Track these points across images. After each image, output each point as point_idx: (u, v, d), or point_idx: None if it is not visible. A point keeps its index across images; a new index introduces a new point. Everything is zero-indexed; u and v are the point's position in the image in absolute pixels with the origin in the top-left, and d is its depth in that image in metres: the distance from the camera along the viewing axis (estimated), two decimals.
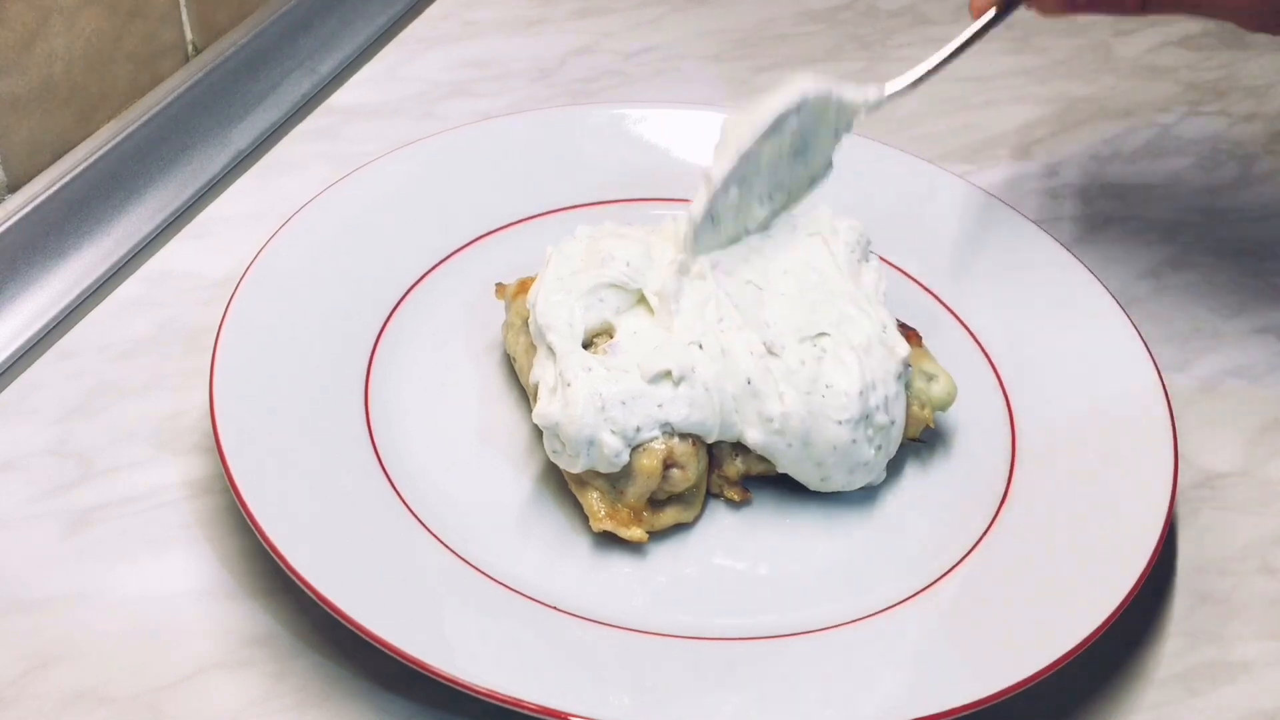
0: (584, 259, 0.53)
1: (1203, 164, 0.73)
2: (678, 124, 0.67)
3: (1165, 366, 0.59)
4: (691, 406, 0.49)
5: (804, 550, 0.50)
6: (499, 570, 0.48)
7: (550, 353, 0.50)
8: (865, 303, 0.52)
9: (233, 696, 0.45)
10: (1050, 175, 0.72)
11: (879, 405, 0.50)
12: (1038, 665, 0.44)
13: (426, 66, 0.77)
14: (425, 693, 0.45)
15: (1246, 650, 0.49)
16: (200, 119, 0.67)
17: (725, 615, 0.48)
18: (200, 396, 0.54)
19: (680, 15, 0.83)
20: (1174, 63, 0.82)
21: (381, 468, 0.51)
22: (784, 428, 0.49)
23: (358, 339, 0.56)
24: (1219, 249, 0.68)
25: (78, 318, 0.59)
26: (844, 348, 0.50)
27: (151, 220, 0.63)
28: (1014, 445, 0.54)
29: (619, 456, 0.48)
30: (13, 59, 0.56)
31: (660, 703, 0.44)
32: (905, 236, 0.63)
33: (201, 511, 0.51)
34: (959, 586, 0.48)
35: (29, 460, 0.52)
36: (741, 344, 0.50)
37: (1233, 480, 0.55)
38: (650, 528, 0.49)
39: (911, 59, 0.81)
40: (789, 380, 0.49)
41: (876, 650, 0.46)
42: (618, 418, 0.48)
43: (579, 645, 0.46)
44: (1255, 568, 0.52)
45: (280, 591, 0.48)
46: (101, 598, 0.48)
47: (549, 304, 0.51)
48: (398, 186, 0.62)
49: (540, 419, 0.49)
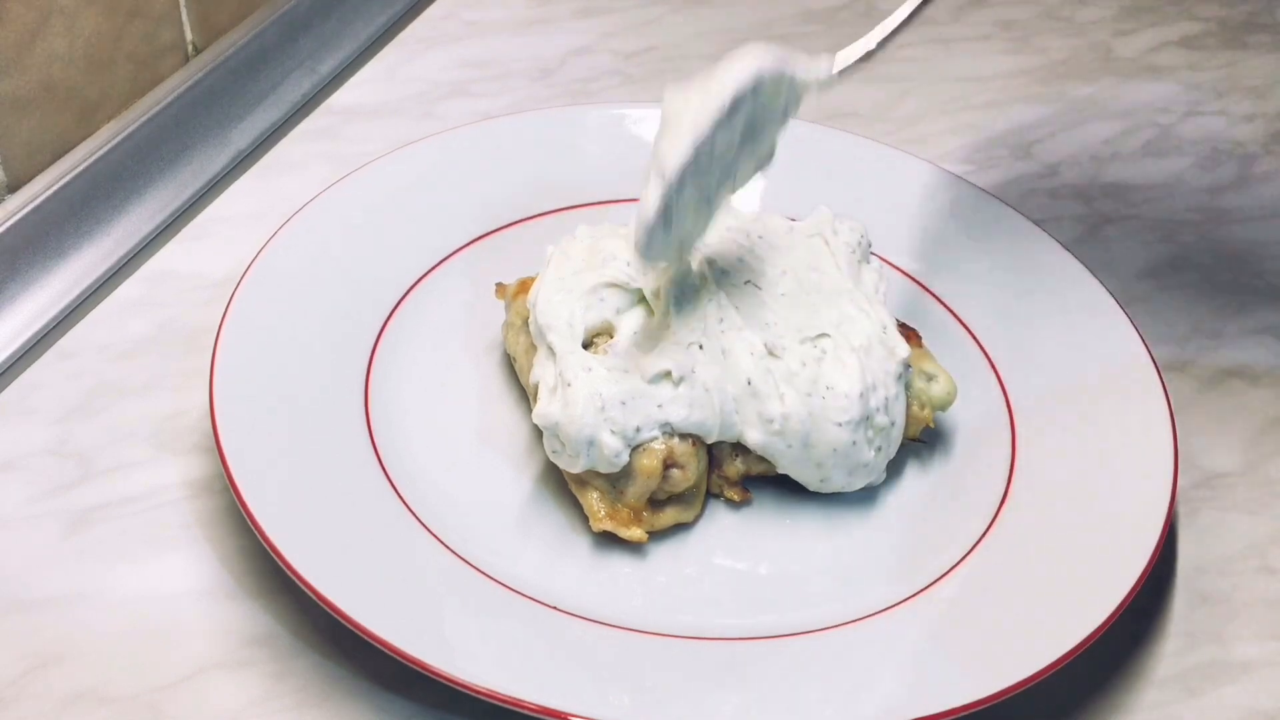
0: (584, 259, 0.53)
1: (1203, 164, 0.73)
2: None
3: (1165, 366, 0.59)
4: (691, 407, 0.49)
5: (804, 550, 0.50)
6: (499, 570, 0.48)
7: (550, 353, 0.50)
8: (865, 303, 0.52)
9: (233, 696, 0.45)
10: (1050, 175, 0.72)
11: (879, 407, 0.50)
12: (1038, 665, 0.44)
13: (426, 66, 0.77)
14: (425, 693, 0.45)
15: (1246, 650, 0.49)
16: (200, 119, 0.67)
17: (725, 615, 0.48)
18: (200, 396, 0.54)
19: (680, 15, 0.83)
20: (1174, 63, 0.82)
21: (381, 468, 0.51)
22: (784, 429, 0.49)
23: (358, 339, 0.56)
24: (1219, 249, 0.68)
25: (78, 318, 0.59)
26: (844, 349, 0.50)
27: (151, 220, 0.63)
28: (1014, 445, 0.53)
29: (619, 457, 0.48)
30: (13, 59, 0.56)
31: (660, 703, 0.44)
32: (905, 236, 0.63)
33: (201, 511, 0.51)
34: (958, 587, 0.48)
35: (29, 460, 0.52)
36: (742, 345, 0.50)
37: (1233, 480, 0.55)
38: (650, 528, 0.49)
39: (911, 59, 0.81)
40: (790, 382, 0.49)
41: (876, 650, 0.46)
42: (617, 418, 0.48)
43: (579, 645, 0.46)
44: (1255, 568, 0.52)
45: (280, 591, 0.48)
46: (101, 598, 0.48)
47: (549, 304, 0.51)
48: (398, 186, 0.62)
49: (540, 419, 0.49)
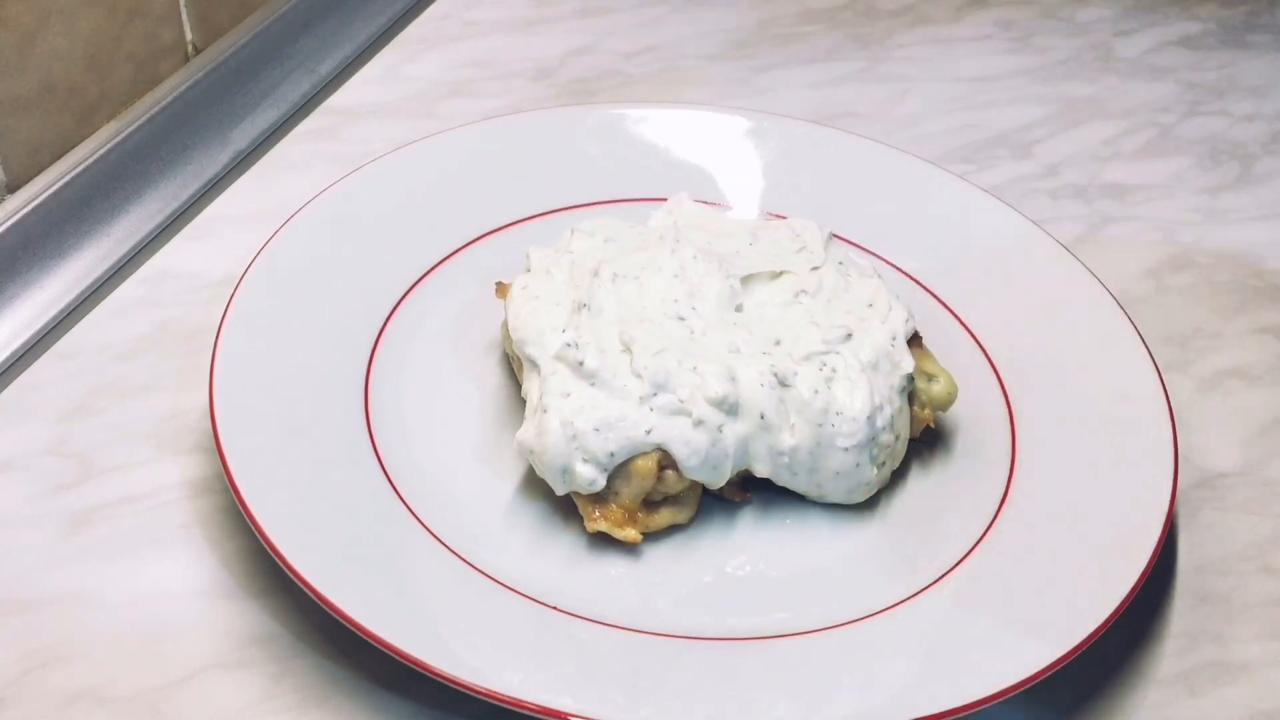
0: (563, 269, 0.54)
1: (1203, 164, 0.73)
2: (678, 124, 0.67)
3: (1165, 366, 0.59)
4: (693, 451, 0.48)
5: (804, 550, 0.50)
6: (498, 570, 0.48)
7: (534, 366, 0.50)
8: (872, 314, 0.52)
9: (232, 696, 0.45)
10: (1050, 175, 0.72)
11: (885, 425, 0.50)
12: (1038, 665, 0.44)
13: (426, 66, 0.77)
14: (425, 693, 0.45)
15: (1246, 650, 0.49)
16: (200, 119, 0.67)
17: (724, 615, 0.48)
18: (200, 396, 0.54)
19: (680, 15, 0.83)
20: (1174, 63, 0.82)
21: (381, 468, 0.51)
22: (793, 461, 0.49)
23: (358, 339, 0.56)
24: (1219, 249, 0.68)
25: (77, 318, 0.59)
26: (853, 368, 0.50)
27: (151, 220, 0.63)
28: (1014, 445, 0.53)
29: (594, 484, 0.48)
30: (13, 59, 0.56)
31: (659, 703, 0.44)
32: (905, 236, 0.63)
33: (201, 511, 0.51)
34: (959, 586, 0.48)
35: (29, 460, 0.52)
36: (753, 376, 0.49)
37: (1233, 480, 0.55)
38: (644, 529, 0.49)
39: (911, 59, 0.81)
40: (802, 413, 0.49)
41: (876, 650, 0.46)
42: (590, 445, 0.47)
43: (579, 646, 0.46)
44: (1255, 568, 0.52)
45: (280, 591, 0.48)
46: (101, 598, 0.48)
47: (518, 317, 0.51)
48: (398, 186, 0.62)
49: (518, 445, 0.49)
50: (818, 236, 0.56)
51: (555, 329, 0.51)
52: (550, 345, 0.50)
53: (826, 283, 0.54)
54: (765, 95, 0.76)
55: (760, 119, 0.67)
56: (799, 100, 0.76)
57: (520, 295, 0.53)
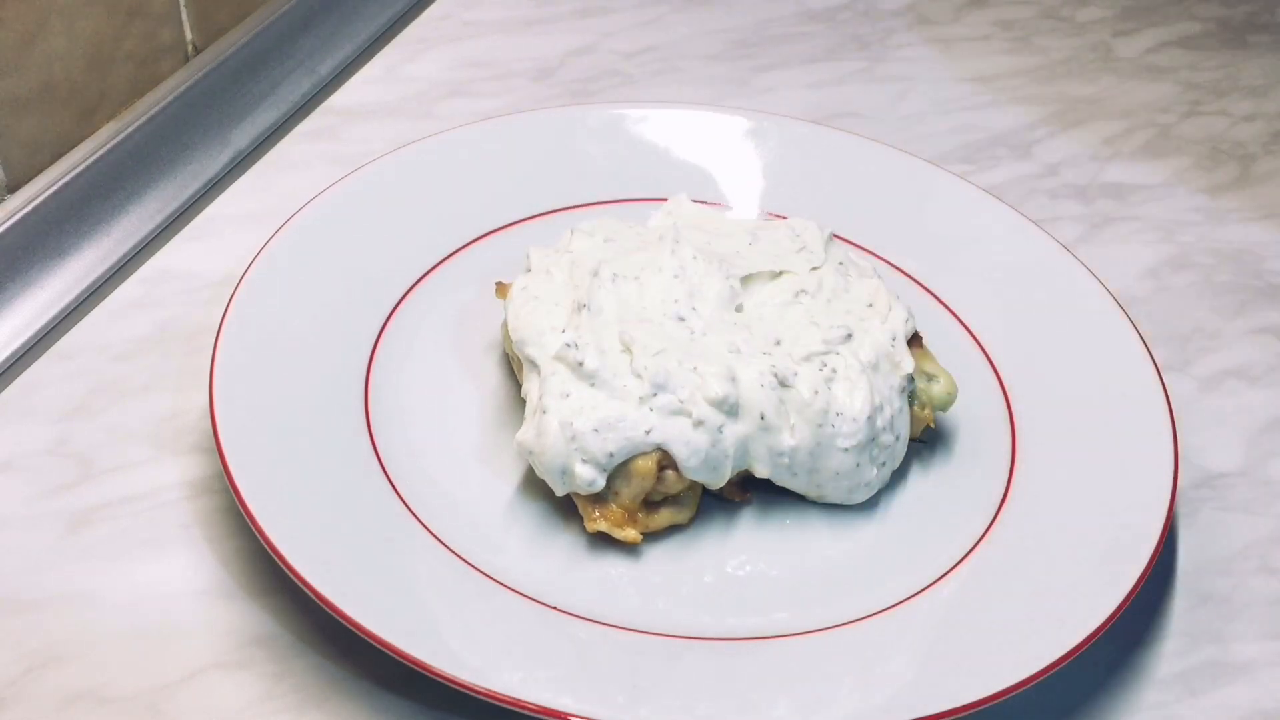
0: (563, 269, 0.54)
1: (1203, 164, 0.73)
2: (678, 124, 0.67)
3: (1165, 366, 0.59)
4: (693, 452, 0.48)
5: (804, 550, 0.50)
6: (498, 570, 0.48)
7: (534, 366, 0.50)
8: (872, 314, 0.52)
9: (232, 696, 0.45)
10: (1050, 175, 0.72)
11: (885, 426, 0.50)
12: (1038, 665, 0.44)
13: (426, 66, 0.77)
14: (425, 693, 0.45)
15: (1246, 650, 0.49)
16: (200, 119, 0.67)
17: (724, 615, 0.48)
18: (200, 396, 0.54)
19: (680, 15, 0.83)
20: (1174, 63, 0.82)
21: (381, 468, 0.51)
22: (793, 461, 0.49)
23: (358, 339, 0.56)
24: (1219, 249, 0.68)
25: (77, 318, 0.59)
26: (853, 368, 0.50)
27: (151, 220, 0.63)
28: (1014, 445, 0.54)
29: (593, 484, 0.48)
30: (13, 59, 0.56)
31: (660, 703, 0.43)
32: (905, 236, 0.63)
33: (201, 511, 0.51)
34: (959, 586, 0.48)
35: (29, 460, 0.52)
36: (753, 376, 0.49)
37: (1233, 480, 0.55)
38: (644, 529, 0.49)
39: (911, 59, 0.81)
40: (802, 414, 0.49)
41: (877, 650, 0.46)
42: (590, 447, 0.47)
43: (579, 646, 0.46)
44: (1255, 568, 0.52)
45: (280, 591, 0.48)
46: (101, 598, 0.48)
47: (518, 318, 0.51)
48: (398, 186, 0.62)
49: (518, 446, 0.49)
50: (818, 236, 0.56)
51: (555, 329, 0.51)
52: (550, 345, 0.50)
53: (826, 283, 0.54)
54: (765, 95, 0.76)
55: (760, 119, 0.67)
56: (799, 100, 0.76)
57: (520, 295, 0.53)
